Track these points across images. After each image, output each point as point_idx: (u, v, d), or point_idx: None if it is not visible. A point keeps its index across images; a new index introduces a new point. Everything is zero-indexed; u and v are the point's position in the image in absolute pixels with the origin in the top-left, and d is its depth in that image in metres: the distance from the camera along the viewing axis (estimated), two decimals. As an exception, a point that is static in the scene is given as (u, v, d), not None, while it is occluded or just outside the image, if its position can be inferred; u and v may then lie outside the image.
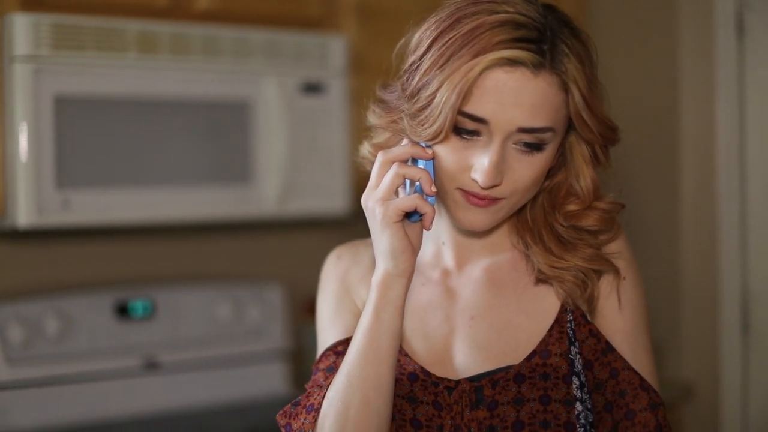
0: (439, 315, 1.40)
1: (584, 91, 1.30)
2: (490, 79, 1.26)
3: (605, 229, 1.38)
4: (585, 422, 1.33)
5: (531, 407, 1.32)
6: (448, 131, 1.29)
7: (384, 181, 1.30)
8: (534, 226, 1.38)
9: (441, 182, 1.32)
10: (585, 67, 1.31)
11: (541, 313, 1.37)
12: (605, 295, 1.37)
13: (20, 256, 2.63)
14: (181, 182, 2.49)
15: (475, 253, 1.41)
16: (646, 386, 1.36)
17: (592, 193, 1.36)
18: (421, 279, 1.42)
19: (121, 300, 2.63)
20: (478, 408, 1.33)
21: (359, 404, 1.30)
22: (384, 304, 1.31)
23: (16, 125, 2.28)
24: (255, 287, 2.83)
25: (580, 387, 1.34)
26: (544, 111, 1.27)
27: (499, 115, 1.27)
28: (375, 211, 1.29)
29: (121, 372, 2.62)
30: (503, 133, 1.27)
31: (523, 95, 1.27)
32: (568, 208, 1.37)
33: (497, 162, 1.27)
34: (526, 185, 1.31)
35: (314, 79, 2.63)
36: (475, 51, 1.26)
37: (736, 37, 2.88)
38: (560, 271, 1.35)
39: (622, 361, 1.36)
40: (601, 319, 1.37)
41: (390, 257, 1.30)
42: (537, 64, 1.27)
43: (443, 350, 1.38)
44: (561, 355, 1.34)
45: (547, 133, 1.28)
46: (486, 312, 1.38)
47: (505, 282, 1.40)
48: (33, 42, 2.27)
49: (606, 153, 1.36)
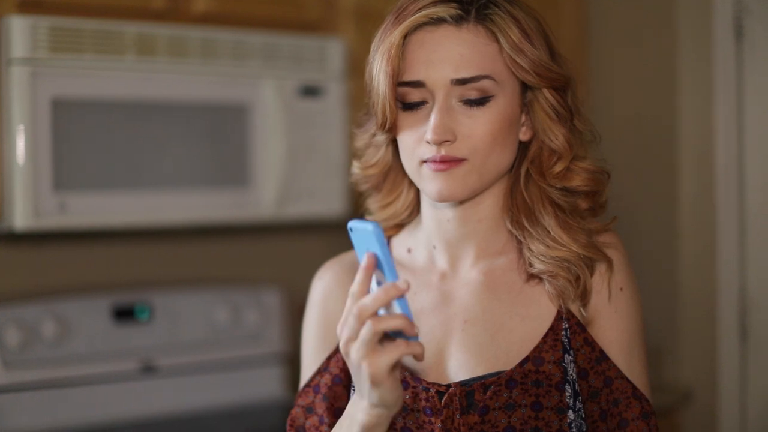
0: (434, 319, 1.39)
1: (515, 37, 1.31)
2: (415, 42, 1.31)
3: (594, 189, 1.39)
4: (577, 431, 1.33)
5: (522, 413, 1.31)
6: (393, 108, 1.31)
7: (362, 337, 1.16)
8: (532, 204, 1.37)
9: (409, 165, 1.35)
10: (517, 19, 1.32)
11: (536, 317, 1.36)
12: (597, 290, 1.37)
13: (17, 259, 2.63)
14: (178, 185, 2.49)
15: (468, 254, 1.40)
16: (639, 395, 1.36)
17: (568, 148, 1.37)
18: (415, 285, 1.41)
19: (118, 303, 2.63)
20: (469, 413, 1.32)
21: None
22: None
23: (13, 128, 2.27)
24: (253, 291, 2.83)
25: (573, 395, 1.33)
26: (475, 61, 1.30)
27: (431, 73, 1.30)
28: (361, 368, 1.17)
29: (118, 375, 2.61)
30: (440, 89, 1.30)
31: (450, 49, 1.30)
32: (554, 169, 1.37)
33: (441, 116, 1.29)
34: (485, 142, 1.31)
35: (312, 82, 2.62)
36: (398, 22, 1.31)
37: (735, 41, 2.88)
38: (554, 264, 1.34)
39: (616, 369, 1.36)
40: (597, 329, 1.37)
41: (383, 407, 1.21)
42: (458, 18, 1.31)
43: (437, 354, 1.37)
44: (554, 362, 1.33)
45: (483, 80, 1.30)
46: (480, 315, 1.37)
47: (500, 284, 1.39)
48: (30, 44, 2.27)
49: (564, 102, 1.36)
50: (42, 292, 2.62)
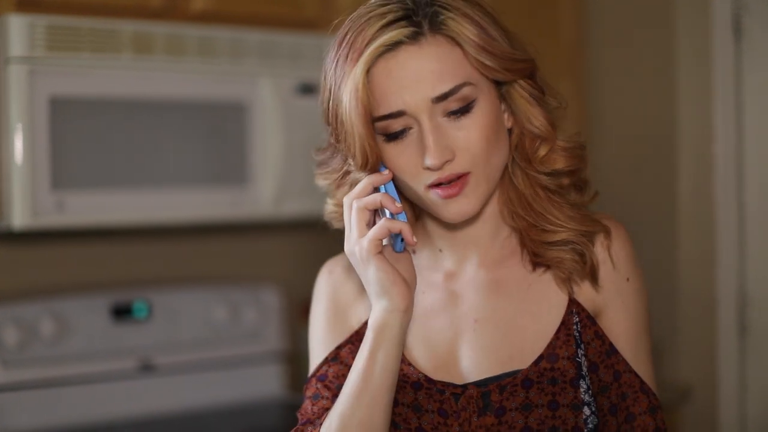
0: (443, 319, 1.38)
1: (474, 38, 1.27)
2: (380, 73, 1.26)
3: (577, 166, 1.36)
4: (592, 426, 1.33)
5: (539, 413, 1.31)
6: (374, 147, 1.28)
7: (352, 222, 1.29)
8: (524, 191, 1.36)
9: (410, 191, 1.31)
10: (471, 18, 1.28)
11: (547, 313, 1.35)
12: (602, 260, 1.35)
13: (15, 258, 2.63)
14: (176, 184, 2.49)
15: (475, 255, 1.39)
16: (646, 389, 1.35)
17: (551, 130, 1.34)
18: (422, 285, 1.40)
19: (117, 302, 2.63)
20: (485, 414, 1.31)
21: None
22: (380, 344, 1.29)
23: (11, 126, 2.27)
24: (251, 289, 2.83)
25: (587, 390, 1.33)
26: (446, 72, 1.26)
27: (408, 99, 1.26)
28: (355, 253, 1.29)
29: (117, 374, 2.61)
30: (423, 111, 1.26)
31: (419, 68, 1.26)
32: (539, 153, 1.34)
33: (436, 139, 1.26)
34: (481, 148, 1.28)
35: (310, 80, 2.62)
36: (355, 59, 1.26)
37: (734, 39, 2.87)
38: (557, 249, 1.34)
39: (624, 363, 1.35)
40: (607, 322, 1.36)
41: (382, 293, 1.28)
42: (413, 35, 1.26)
43: (448, 355, 1.36)
44: (568, 358, 1.33)
45: (463, 89, 1.27)
46: (490, 314, 1.36)
47: (508, 282, 1.37)
48: (28, 43, 2.27)
49: (536, 84, 1.33)
50: (40, 290, 2.62)
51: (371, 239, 1.27)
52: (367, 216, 1.29)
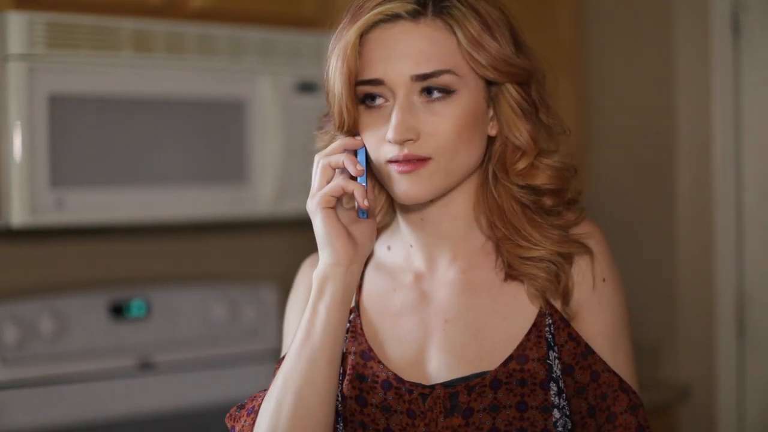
0: (413, 319, 1.36)
1: (473, 30, 1.28)
2: (373, 40, 1.29)
3: (560, 187, 1.34)
4: (563, 429, 1.31)
5: (507, 414, 1.29)
6: (351, 109, 1.29)
7: (315, 176, 1.32)
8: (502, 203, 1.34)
9: (375, 165, 1.31)
10: (477, 11, 1.29)
11: (518, 315, 1.33)
12: (579, 282, 1.33)
13: (14, 256, 2.63)
14: (175, 181, 2.49)
15: (445, 253, 1.37)
16: (626, 387, 1.33)
17: (532, 144, 1.32)
18: (393, 284, 1.39)
19: (116, 300, 2.63)
20: (452, 415, 1.30)
21: (292, 401, 1.29)
22: (321, 296, 1.30)
23: (10, 124, 2.27)
24: (250, 287, 2.83)
25: (558, 393, 1.31)
26: (434, 55, 1.27)
27: (390, 70, 1.27)
28: (309, 205, 1.31)
29: (116, 372, 2.61)
30: (400, 86, 1.27)
31: (409, 44, 1.27)
32: (518, 166, 1.33)
33: (403, 115, 1.26)
34: (448, 139, 1.28)
35: (309, 78, 2.62)
36: (354, 21, 1.30)
37: (732, 37, 2.88)
38: (532, 265, 1.31)
39: (602, 363, 1.33)
40: (581, 322, 1.34)
41: (325, 245, 1.31)
42: (414, 13, 1.28)
43: (417, 355, 1.35)
44: (539, 360, 1.31)
45: (444, 75, 1.27)
46: (461, 315, 1.35)
47: (480, 282, 1.36)
48: (27, 40, 2.27)
49: (528, 97, 1.32)
50: (39, 288, 2.62)
51: (324, 194, 1.29)
52: (330, 173, 1.31)
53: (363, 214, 1.34)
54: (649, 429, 1.34)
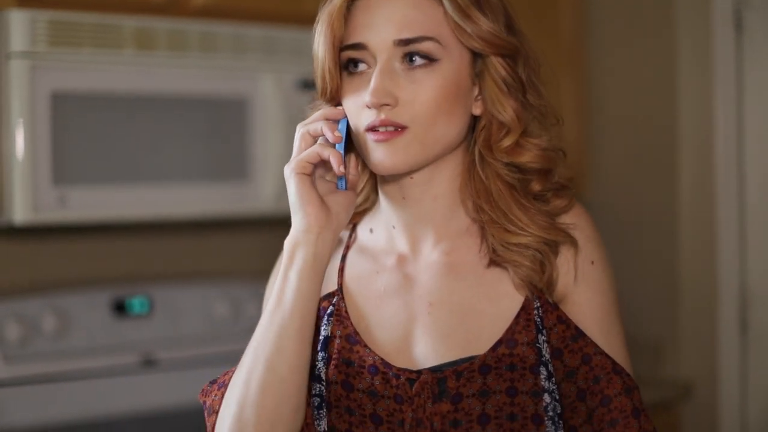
0: (397, 302, 1.34)
1: (461, 1, 1.27)
2: (360, 7, 1.29)
3: (546, 167, 1.32)
4: (553, 414, 1.29)
5: (497, 399, 1.28)
6: (333, 74, 1.29)
7: (294, 144, 1.31)
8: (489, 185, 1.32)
9: (354, 134, 1.31)
10: None
11: (505, 297, 1.32)
12: (564, 272, 1.32)
13: (17, 253, 2.63)
14: (178, 179, 2.49)
15: (429, 235, 1.35)
16: (619, 370, 1.31)
17: (517, 121, 1.30)
18: (376, 266, 1.37)
19: (118, 297, 2.63)
20: (441, 401, 1.28)
21: (262, 370, 1.27)
22: (291, 263, 1.29)
23: (12, 122, 2.27)
24: (252, 284, 2.83)
25: (548, 377, 1.29)
26: (418, 22, 1.27)
27: (373, 35, 1.27)
28: (285, 173, 1.30)
29: (118, 369, 2.61)
30: (382, 51, 1.27)
31: (393, 10, 1.27)
32: (503, 144, 1.31)
33: (381, 80, 1.26)
34: (426, 107, 1.27)
35: (311, 75, 2.60)
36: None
37: (735, 35, 2.88)
38: (517, 252, 1.30)
39: (594, 346, 1.31)
40: (571, 305, 1.32)
41: (296, 209, 1.29)
42: None
43: (403, 339, 1.32)
44: (528, 344, 1.29)
45: (427, 42, 1.27)
46: (445, 298, 1.33)
47: (464, 265, 1.34)
48: (30, 38, 2.27)
49: (515, 74, 1.31)
50: (42, 286, 2.62)
51: (300, 159, 1.28)
52: (309, 141, 1.30)
53: (342, 184, 1.32)
54: (644, 412, 1.31)
